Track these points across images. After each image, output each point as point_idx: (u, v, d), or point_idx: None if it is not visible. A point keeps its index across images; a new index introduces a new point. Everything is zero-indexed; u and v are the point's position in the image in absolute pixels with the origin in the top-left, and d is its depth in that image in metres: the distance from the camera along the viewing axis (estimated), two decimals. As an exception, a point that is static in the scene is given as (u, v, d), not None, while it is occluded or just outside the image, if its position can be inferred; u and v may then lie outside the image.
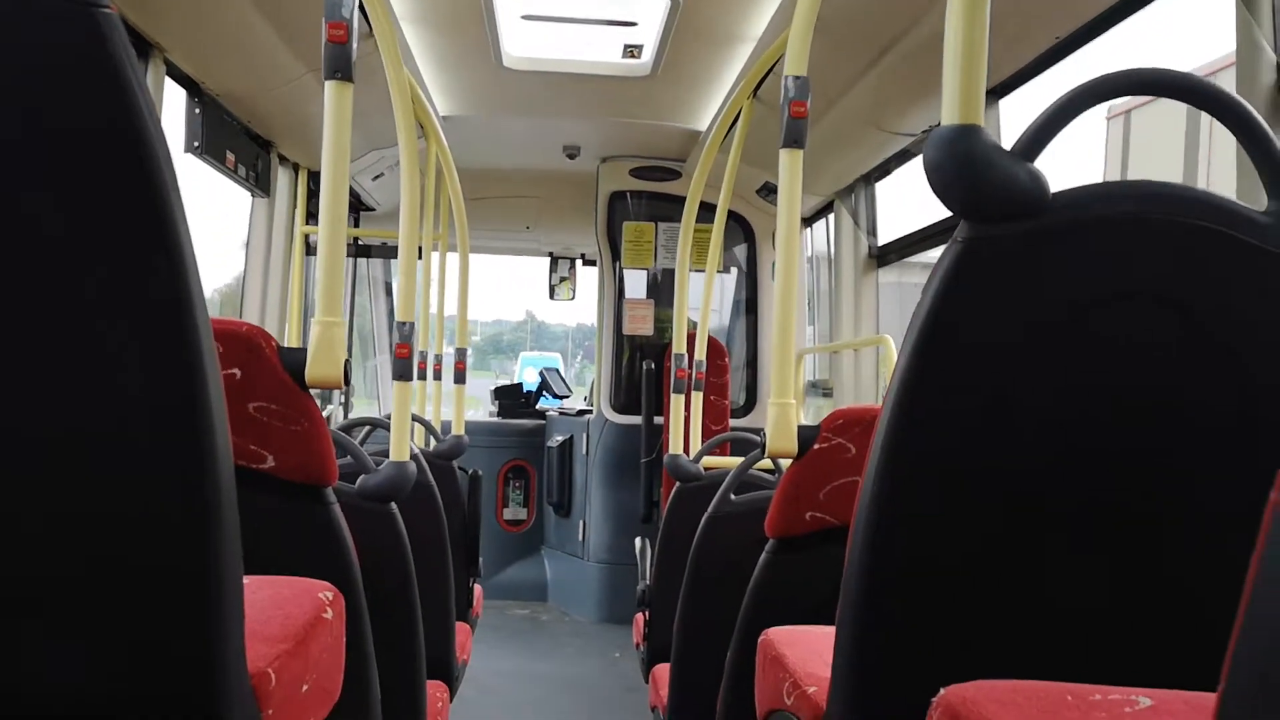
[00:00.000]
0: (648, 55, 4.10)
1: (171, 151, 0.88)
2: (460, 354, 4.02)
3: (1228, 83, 1.69)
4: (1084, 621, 1.11)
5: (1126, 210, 1.06)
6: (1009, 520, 1.09)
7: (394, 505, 2.20)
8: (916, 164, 4.06)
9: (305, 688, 1.20)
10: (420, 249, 3.34)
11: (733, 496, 2.57)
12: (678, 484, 3.11)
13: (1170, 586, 1.10)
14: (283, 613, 1.25)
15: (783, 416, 2.07)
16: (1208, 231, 1.05)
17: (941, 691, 0.94)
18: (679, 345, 3.60)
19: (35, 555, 0.89)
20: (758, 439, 2.22)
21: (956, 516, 1.09)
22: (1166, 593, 1.10)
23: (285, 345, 1.59)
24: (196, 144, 3.28)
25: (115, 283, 0.86)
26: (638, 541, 3.85)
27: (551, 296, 7.29)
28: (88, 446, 0.88)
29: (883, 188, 4.42)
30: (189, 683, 0.94)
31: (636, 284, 5.79)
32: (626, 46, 4.07)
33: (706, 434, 3.64)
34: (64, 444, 0.87)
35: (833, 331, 4.65)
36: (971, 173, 1.03)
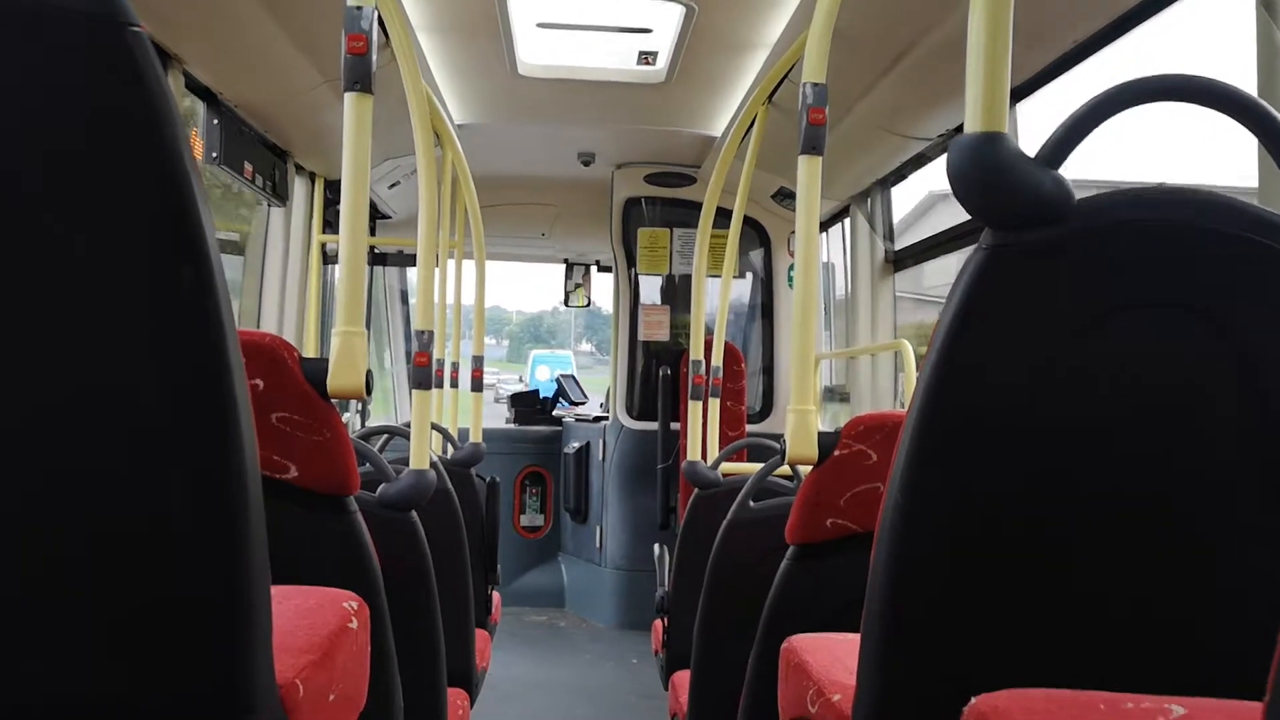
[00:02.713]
0: (662, 62, 4.10)
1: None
2: (477, 361, 4.03)
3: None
4: (1115, 629, 1.10)
5: (1152, 217, 1.05)
6: (1037, 527, 1.08)
7: (414, 513, 2.20)
8: (930, 168, 4.06)
9: (332, 698, 1.20)
10: (437, 257, 3.35)
11: (752, 503, 2.57)
12: (696, 490, 3.11)
13: (1201, 595, 1.10)
14: (309, 623, 1.25)
15: (803, 423, 2.07)
16: (1235, 238, 1.04)
17: (973, 700, 0.94)
18: (695, 351, 3.60)
19: (62, 566, 0.89)
20: (775, 445, 2.22)
21: (983, 524, 1.09)
22: (1197, 601, 1.10)
23: (304, 354, 1.59)
24: (215, 154, 3.30)
25: (142, 294, 0.86)
26: (656, 548, 3.85)
27: (566, 303, 7.32)
28: (116, 458, 0.88)
29: (899, 192, 4.41)
30: (217, 694, 0.94)
31: (652, 290, 5.80)
32: (641, 53, 4.07)
33: (723, 440, 3.64)
34: (91, 455, 0.88)
35: (849, 337, 4.64)
36: (995, 180, 1.03)
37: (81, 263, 0.84)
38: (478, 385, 4.00)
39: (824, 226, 5.09)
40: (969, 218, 1.08)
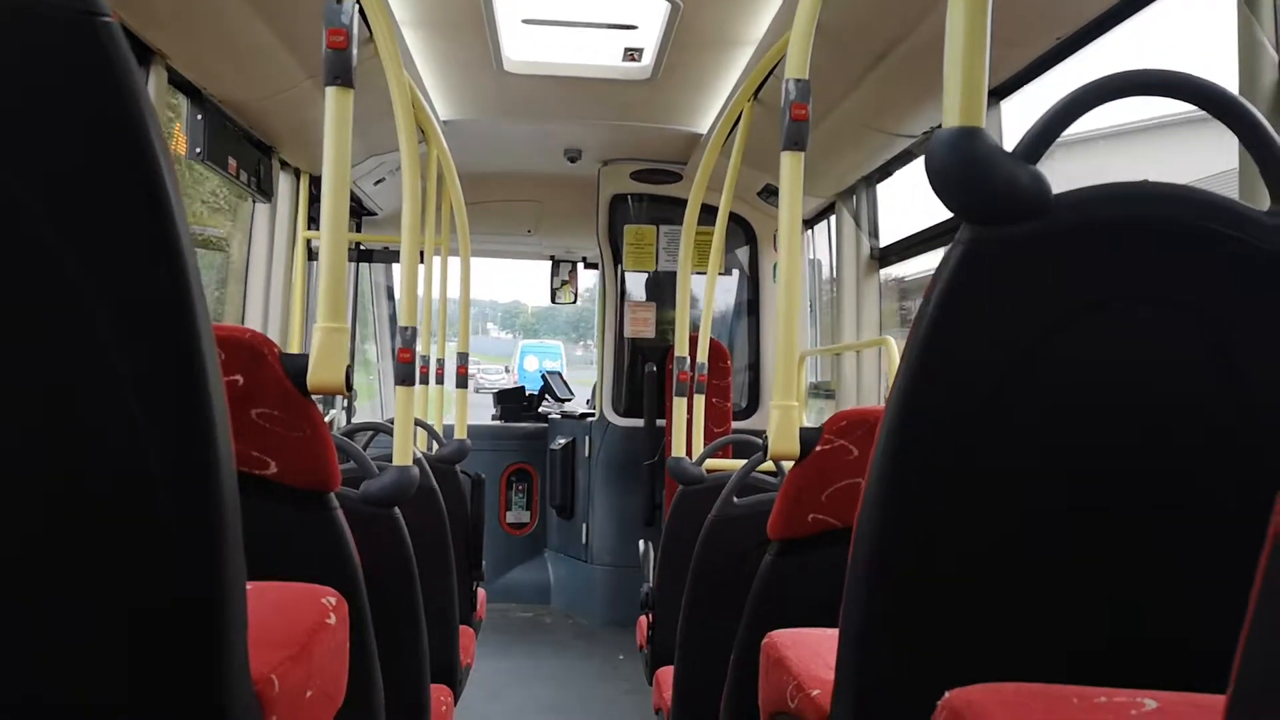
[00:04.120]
0: (648, 58, 4.10)
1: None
2: (462, 358, 4.02)
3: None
4: (1089, 623, 1.10)
5: (1129, 213, 1.05)
6: (1013, 522, 1.09)
7: (397, 510, 2.20)
8: (916, 165, 4.06)
9: (309, 693, 1.20)
10: (422, 254, 3.34)
11: (735, 499, 2.57)
12: (680, 487, 3.11)
13: (1175, 588, 1.10)
14: (286, 619, 1.25)
15: (785, 419, 2.07)
16: (1212, 234, 1.05)
17: (946, 695, 0.94)
18: (681, 348, 3.60)
19: (35, 562, 0.89)
20: (760, 441, 2.22)
21: (960, 518, 1.09)
22: (1171, 594, 1.10)
23: (288, 350, 1.59)
24: (199, 150, 3.29)
25: (116, 291, 0.86)
26: (641, 544, 3.85)
27: (553, 300, 7.31)
28: (88, 454, 0.88)
29: (884, 189, 4.42)
30: (193, 689, 0.94)
31: (638, 287, 5.80)
32: (627, 50, 4.07)
33: (708, 436, 3.64)
34: (64, 452, 0.87)
35: (834, 333, 4.65)
36: (973, 175, 1.03)
37: (52, 259, 0.84)
38: (463, 382, 3.99)
39: (810, 223, 5.09)
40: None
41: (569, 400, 6.96)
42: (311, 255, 4.42)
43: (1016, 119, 3.10)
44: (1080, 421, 1.08)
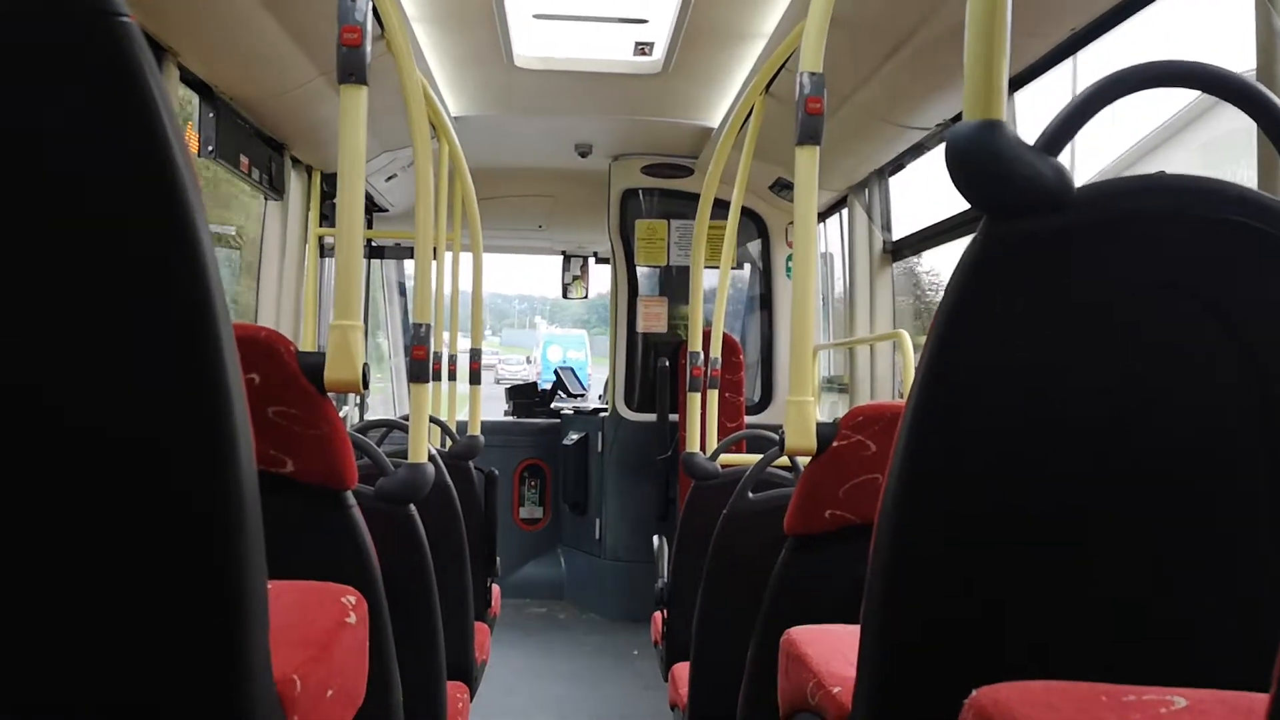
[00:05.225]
0: (659, 53, 4.09)
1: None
2: (475, 354, 4.02)
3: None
4: (1116, 620, 1.10)
5: (1152, 205, 1.04)
6: (1037, 518, 1.08)
7: (413, 507, 2.20)
8: (928, 158, 4.05)
9: (330, 693, 1.20)
10: (434, 249, 3.34)
11: (751, 494, 2.56)
12: (694, 482, 3.11)
13: (1203, 585, 1.09)
14: (306, 618, 1.25)
15: (801, 414, 2.06)
16: (1236, 225, 1.04)
17: (973, 693, 0.93)
18: (694, 343, 3.60)
19: (59, 560, 0.89)
20: (774, 436, 2.21)
21: (983, 515, 1.08)
22: (1199, 592, 1.09)
23: (301, 348, 1.59)
24: (210, 148, 3.29)
25: (135, 291, 0.85)
26: (655, 539, 3.85)
27: (565, 295, 7.31)
28: (111, 453, 0.87)
29: (896, 182, 4.40)
30: (216, 689, 0.93)
31: (650, 281, 5.79)
32: (637, 44, 4.06)
33: (722, 431, 3.63)
34: (87, 450, 0.87)
35: (848, 327, 4.64)
36: (994, 168, 1.03)
37: (74, 258, 0.84)
38: (476, 378, 3.99)
39: (822, 217, 5.08)
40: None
41: (582, 395, 6.95)
42: (324, 252, 4.42)
43: (1031, 110, 3.09)
44: (1102, 414, 1.07)
